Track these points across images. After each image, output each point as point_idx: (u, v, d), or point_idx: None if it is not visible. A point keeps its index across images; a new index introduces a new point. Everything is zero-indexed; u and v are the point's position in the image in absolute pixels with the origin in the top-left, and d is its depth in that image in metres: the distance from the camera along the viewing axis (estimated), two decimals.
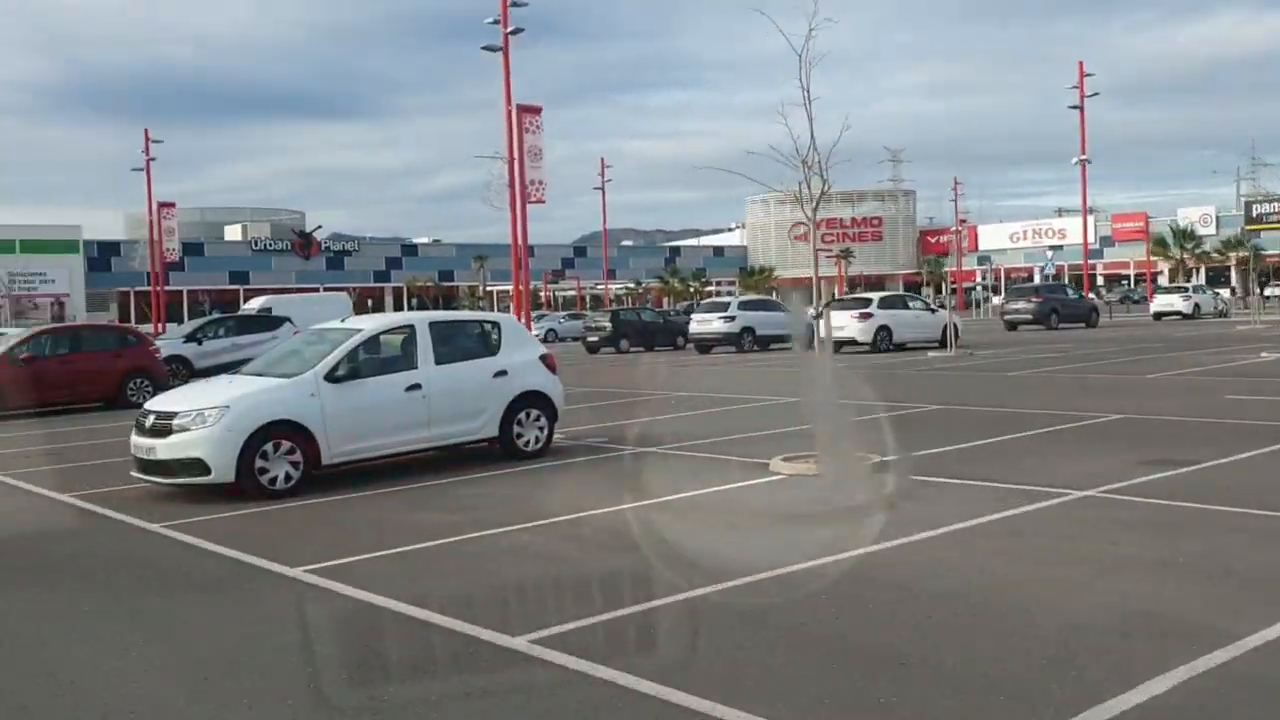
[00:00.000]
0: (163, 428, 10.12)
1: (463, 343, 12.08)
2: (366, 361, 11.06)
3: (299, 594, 6.87)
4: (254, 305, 39.84)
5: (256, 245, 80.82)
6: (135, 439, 10.43)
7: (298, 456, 10.25)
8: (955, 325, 29.81)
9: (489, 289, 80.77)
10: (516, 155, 36.93)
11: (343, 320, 12.19)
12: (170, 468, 10.05)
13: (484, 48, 36.44)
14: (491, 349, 11.95)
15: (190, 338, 26.22)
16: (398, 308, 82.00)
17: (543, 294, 75.34)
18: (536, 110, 38.79)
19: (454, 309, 79.67)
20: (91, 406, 20.53)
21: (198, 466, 9.90)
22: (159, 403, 10.69)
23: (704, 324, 34.19)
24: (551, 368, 12.36)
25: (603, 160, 70.86)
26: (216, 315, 34.29)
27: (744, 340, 33.18)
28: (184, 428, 9.98)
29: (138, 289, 68.38)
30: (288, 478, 10.19)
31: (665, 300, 79.16)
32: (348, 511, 9.56)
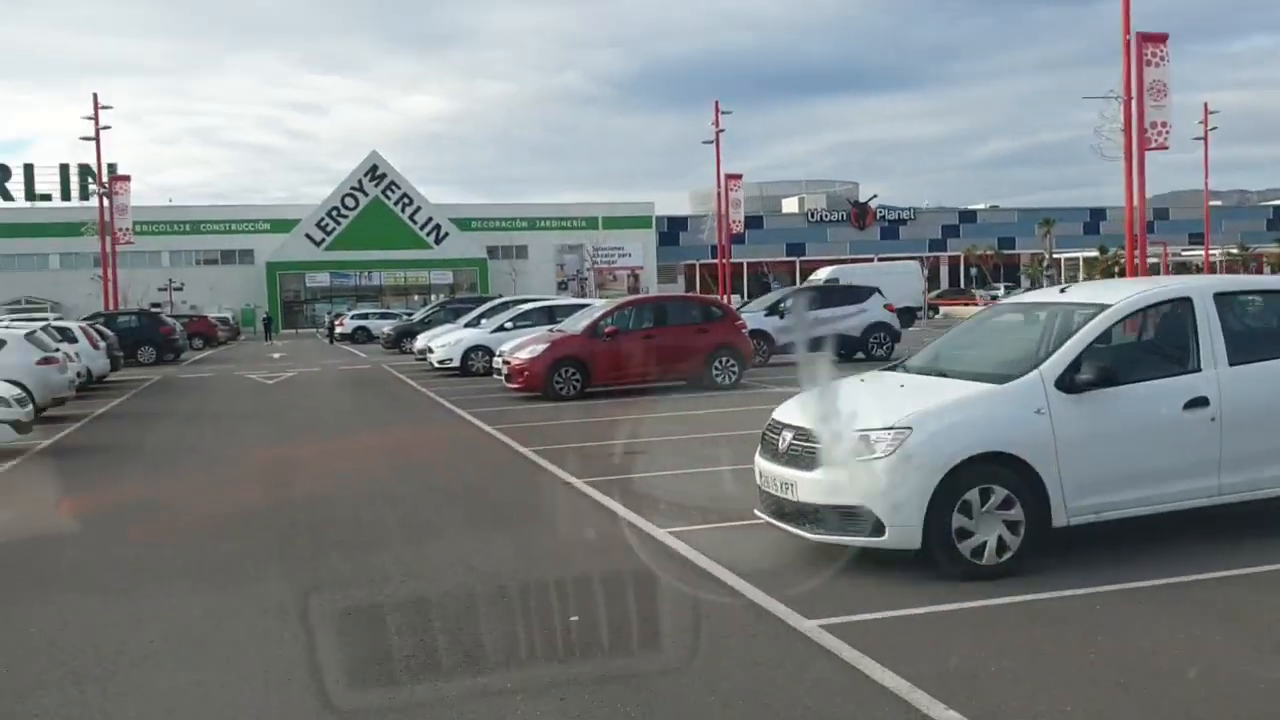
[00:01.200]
0: (804, 454, 6.61)
1: (1259, 326, 7.35)
2: (1119, 359, 6.78)
3: None
4: (821, 275, 37.33)
5: (813, 217, 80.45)
6: (763, 464, 7.06)
7: (1017, 513, 6.26)
8: None
9: (1055, 256, 72.90)
10: (1135, 93, 30.52)
11: (1061, 289, 7.92)
12: (819, 516, 6.51)
13: None
14: None
15: (772, 310, 23.60)
16: (953, 279, 76.93)
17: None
18: (1161, 39, 31.61)
19: (1016, 280, 73.04)
20: (671, 385, 18.42)
21: (862, 521, 6.26)
22: (795, 413, 7.14)
23: None
24: None
25: (1206, 105, 59.67)
26: (790, 287, 31.95)
27: None
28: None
29: (702, 262, 70.19)
30: (1002, 547, 6.24)
31: (1266, 269, 66.19)
32: (1128, 633, 5.35)
